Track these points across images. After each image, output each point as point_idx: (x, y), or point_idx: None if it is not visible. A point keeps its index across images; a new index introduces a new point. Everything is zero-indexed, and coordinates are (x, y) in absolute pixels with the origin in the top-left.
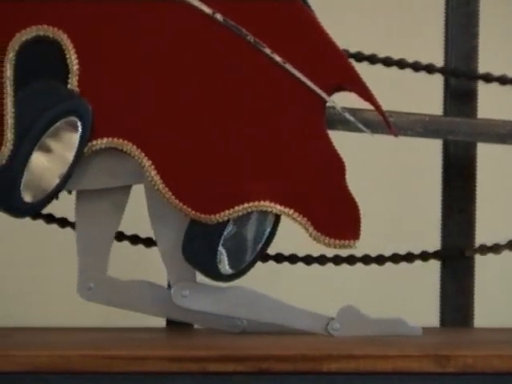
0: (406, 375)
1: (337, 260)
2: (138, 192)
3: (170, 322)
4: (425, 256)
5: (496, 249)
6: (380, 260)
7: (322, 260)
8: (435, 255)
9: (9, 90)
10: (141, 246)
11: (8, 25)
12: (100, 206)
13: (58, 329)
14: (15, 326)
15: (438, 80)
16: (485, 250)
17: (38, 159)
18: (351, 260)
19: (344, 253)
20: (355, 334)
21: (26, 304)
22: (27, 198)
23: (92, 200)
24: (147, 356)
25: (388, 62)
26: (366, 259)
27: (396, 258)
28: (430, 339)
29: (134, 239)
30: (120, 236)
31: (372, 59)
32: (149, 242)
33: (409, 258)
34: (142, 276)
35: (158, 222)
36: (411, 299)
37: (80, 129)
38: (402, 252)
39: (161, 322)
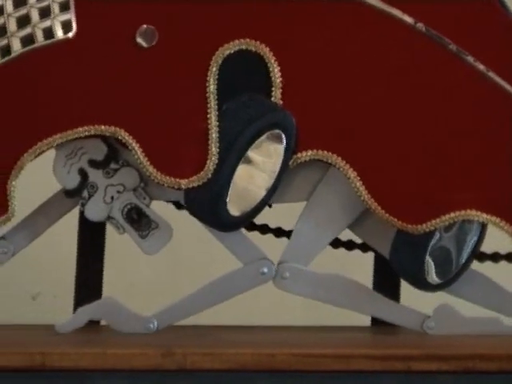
0: None
1: None
2: None
3: (374, 321)
4: None
5: None
6: None
7: None
8: None
9: (212, 104)
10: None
11: (210, 39)
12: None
13: (261, 327)
14: (215, 324)
15: None
16: None
17: (243, 172)
18: None
19: None
20: (450, 332)
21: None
22: (234, 211)
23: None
24: (352, 354)
25: None
26: None
27: None
28: None
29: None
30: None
31: None
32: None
33: None
34: None
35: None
36: None
37: (284, 141)
38: None
39: (365, 321)
